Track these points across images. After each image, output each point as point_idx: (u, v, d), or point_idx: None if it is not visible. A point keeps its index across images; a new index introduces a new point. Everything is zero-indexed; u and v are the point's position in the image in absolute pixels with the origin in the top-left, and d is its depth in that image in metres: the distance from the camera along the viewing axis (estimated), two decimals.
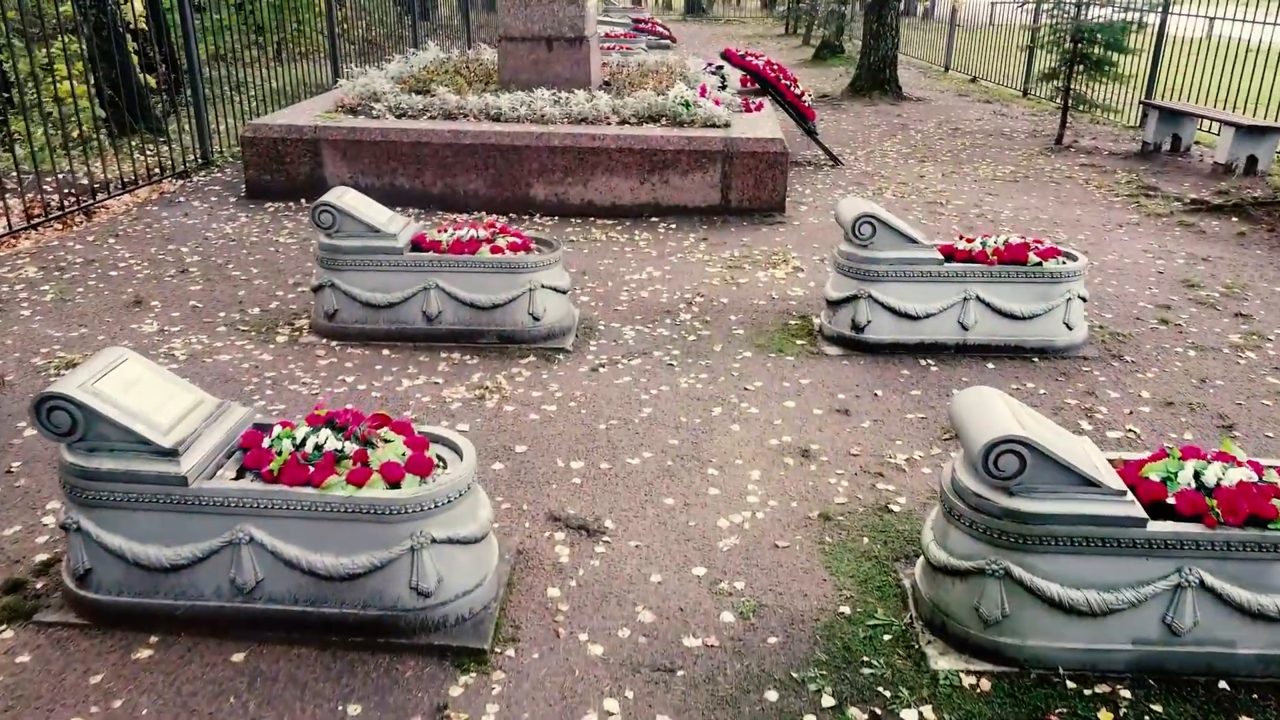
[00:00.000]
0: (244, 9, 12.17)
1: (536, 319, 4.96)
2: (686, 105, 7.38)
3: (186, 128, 9.13)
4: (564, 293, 5.09)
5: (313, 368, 4.69)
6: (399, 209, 7.29)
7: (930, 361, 4.86)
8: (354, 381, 4.54)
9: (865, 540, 3.40)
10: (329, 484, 2.79)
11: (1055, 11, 9.64)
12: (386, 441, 2.98)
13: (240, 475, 2.89)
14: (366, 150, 7.23)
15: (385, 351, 4.89)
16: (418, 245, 5.01)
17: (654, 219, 7.24)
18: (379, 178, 7.30)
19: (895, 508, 3.60)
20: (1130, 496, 2.72)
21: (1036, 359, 4.91)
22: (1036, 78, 10.16)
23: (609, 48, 16.17)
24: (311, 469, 2.82)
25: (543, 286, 4.93)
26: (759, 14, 34.11)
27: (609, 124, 7.40)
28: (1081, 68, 9.68)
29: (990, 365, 4.84)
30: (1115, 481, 2.74)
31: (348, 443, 2.91)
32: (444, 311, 4.95)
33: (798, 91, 8.86)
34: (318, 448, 2.90)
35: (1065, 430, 2.93)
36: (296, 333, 5.10)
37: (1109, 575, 2.69)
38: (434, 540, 2.78)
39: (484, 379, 4.58)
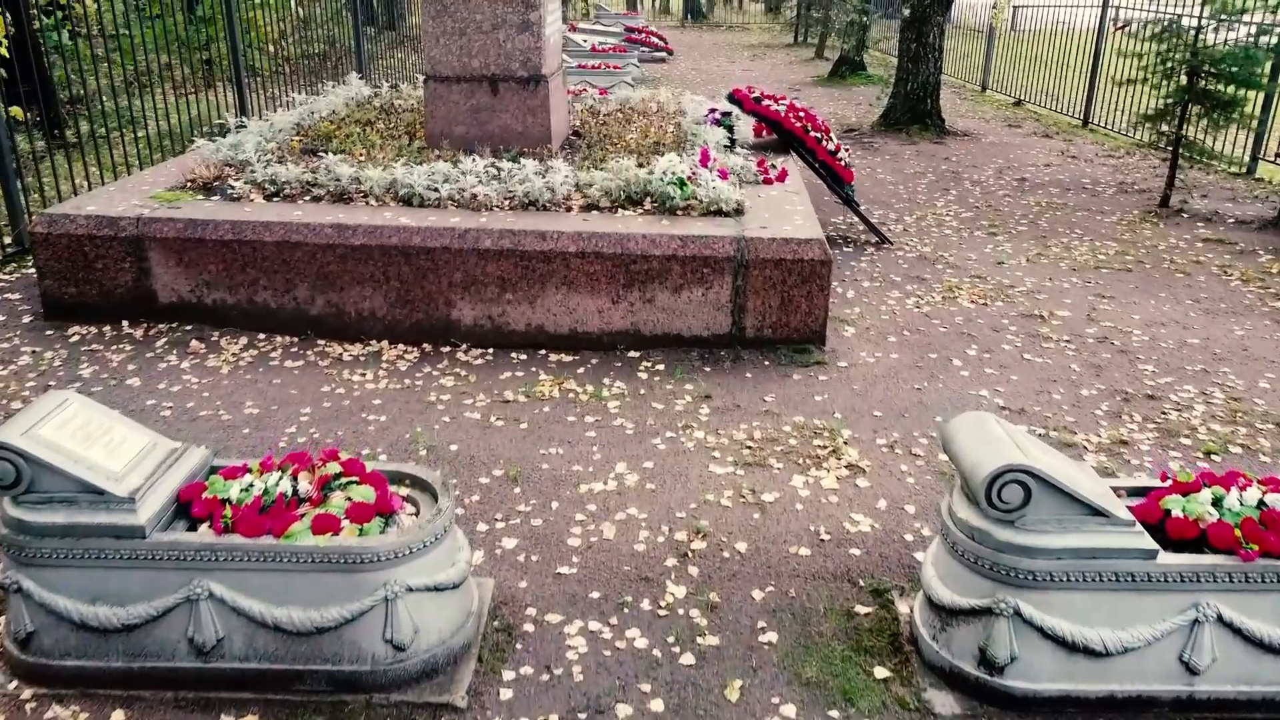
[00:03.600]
0: (162, 20, 9.86)
1: (400, 649, 2.70)
2: (681, 185, 5.10)
3: (45, 185, 6.81)
4: (454, 588, 2.83)
5: None
6: (262, 338, 5.02)
7: None
8: None
9: None
10: None
11: (1167, 36, 7.34)
12: None
13: None
14: (213, 252, 4.95)
15: (119, 714, 2.63)
16: (184, 510, 2.75)
17: (632, 354, 4.95)
18: (232, 292, 5.02)
19: None
20: None
21: None
22: (1138, 120, 7.85)
23: (594, 66, 13.86)
24: None
25: (410, 590, 2.67)
26: (763, 19, 31.79)
27: (569, 211, 5.13)
28: (1200, 109, 7.39)
29: None
30: None
31: None
32: (229, 638, 2.68)
33: (830, 147, 6.58)
34: None
35: None
36: None
37: None
38: None
39: None
